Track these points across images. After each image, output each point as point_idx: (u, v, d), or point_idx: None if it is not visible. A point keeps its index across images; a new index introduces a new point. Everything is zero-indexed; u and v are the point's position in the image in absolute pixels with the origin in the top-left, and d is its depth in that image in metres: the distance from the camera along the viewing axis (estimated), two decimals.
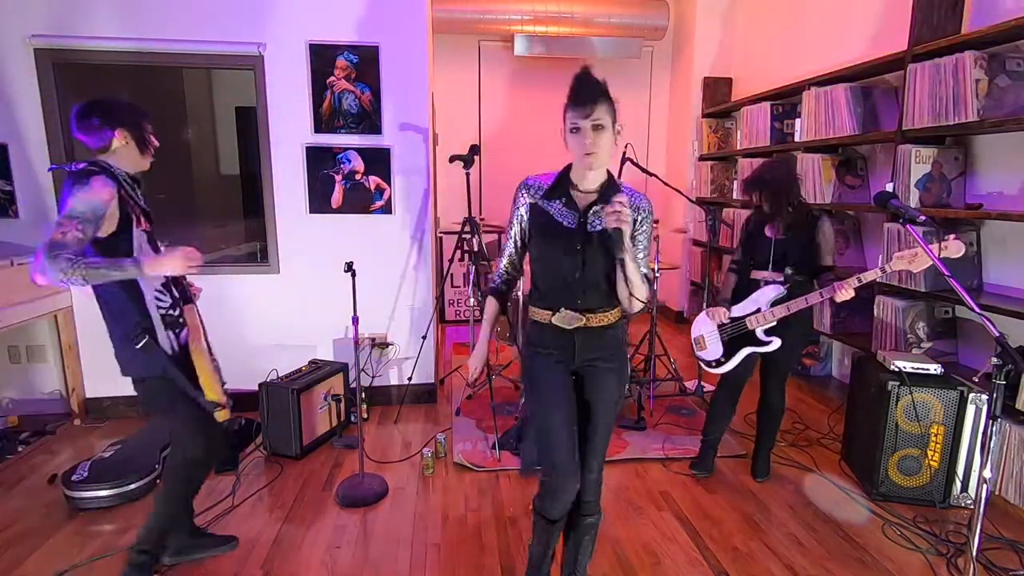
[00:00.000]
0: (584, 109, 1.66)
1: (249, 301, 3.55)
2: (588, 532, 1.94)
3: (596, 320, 1.78)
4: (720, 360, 2.76)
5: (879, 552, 2.33)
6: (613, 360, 1.82)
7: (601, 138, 1.67)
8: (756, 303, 2.63)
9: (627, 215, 1.58)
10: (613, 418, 1.85)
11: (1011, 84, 2.73)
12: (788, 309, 2.53)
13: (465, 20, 5.39)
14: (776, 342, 2.60)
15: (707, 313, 2.81)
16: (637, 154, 3.91)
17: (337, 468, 2.98)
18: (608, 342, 1.81)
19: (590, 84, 1.69)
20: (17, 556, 2.26)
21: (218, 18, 3.24)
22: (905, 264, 2.25)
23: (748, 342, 2.67)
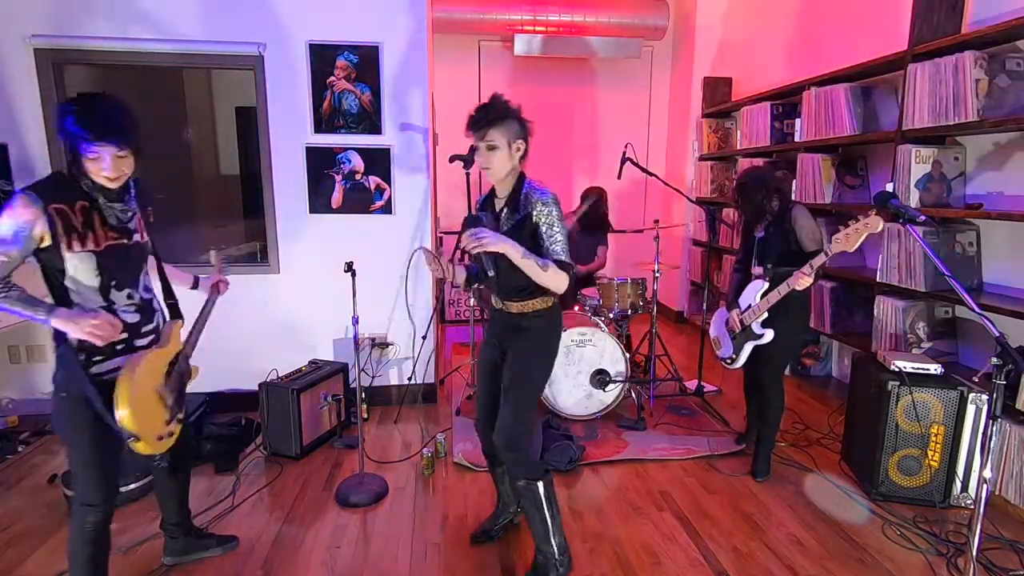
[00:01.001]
0: (477, 132, 1.96)
1: (249, 301, 3.55)
2: (523, 495, 2.09)
3: (515, 308, 2.08)
4: (732, 357, 2.90)
5: (879, 552, 2.33)
6: (524, 338, 2.09)
7: (494, 157, 1.96)
8: (748, 300, 2.79)
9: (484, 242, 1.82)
10: (517, 386, 2.07)
11: (1011, 84, 2.73)
12: (769, 301, 2.66)
13: (465, 20, 5.39)
14: (769, 334, 2.72)
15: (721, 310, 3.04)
16: (637, 154, 3.91)
17: (337, 468, 2.98)
18: (523, 326, 2.08)
19: (486, 109, 1.96)
20: (17, 556, 2.26)
21: (218, 18, 3.24)
22: (841, 245, 2.34)
23: (748, 337, 2.80)
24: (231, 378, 3.58)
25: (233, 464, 2.95)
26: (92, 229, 1.69)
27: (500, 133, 1.95)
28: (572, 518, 2.55)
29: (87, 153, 1.62)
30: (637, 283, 3.82)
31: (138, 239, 1.82)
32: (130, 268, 1.80)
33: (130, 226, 1.79)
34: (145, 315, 1.83)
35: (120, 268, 1.76)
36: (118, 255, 1.75)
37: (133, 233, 1.80)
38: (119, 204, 1.75)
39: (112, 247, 1.73)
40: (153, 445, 1.78)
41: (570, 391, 3.50)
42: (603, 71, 6.13)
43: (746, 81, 5.31)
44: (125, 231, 1.77)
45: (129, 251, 1.79)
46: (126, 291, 1.78)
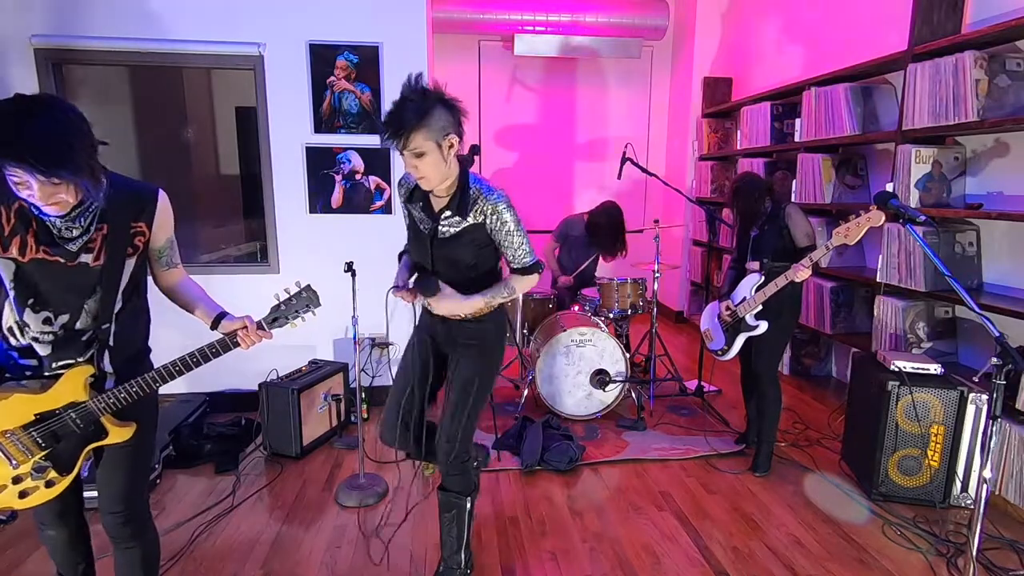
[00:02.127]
0: (399, 140, 1.63)
1: (249, 301, 3.53)
2: (448, 508, 2.00)
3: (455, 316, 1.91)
4: (724, 348, 2.98)
5: (879, 552, 2.33)
6: (470, 346, 1.94)
7: (424, 163, 1.66)
8: (741, 292, 2.87)
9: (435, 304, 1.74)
10: (467, 397, 1.94)
11: (1011, 84, 2.73)
12: (765, 294, 2.72)
13: (465, 20, 5.39)
14: (763, 325, 2.78)
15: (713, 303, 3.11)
16: (637, 154, 3.91)
17: (337, 468, 2.98)
18: (466, 330, 1.93)
19: (402, 113, 1.62)
20: (17, 556, 2.26)
21: (218, 18, 3.24)
22: (842, 239, 2.37)
23: (742, 328, 2.87)
24: (231, 378, 3.58)
25: (233, 464, 2.95)
26: (22, 236, 1.39)
27: (424, 135, 1.62)
28: (572, 518, 2.55)
29: (9, 176, 1.27)
30: (637, 283, 3.82)
31: (86, 262, 1.45)
32: (63, 291, 1.45)
33: (71, 248, 1.43)
34: (64, 351, 1.48)
35: (45, 288, 1.44)
36: (46, 273, 1.43)
37: (79, 255, 1.44)
38: (60, 220, 1.40)
39: (40, 262, 1.41)
40: None
41: (570, 391, 3.50)
42: (603, 71, 6.12)
43: (746, 81, 5.31)
44: (65, 251, 1.43)
45: (65, 273, 1.44)
46: (44, 315, 1.45)
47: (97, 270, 1.47)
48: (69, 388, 1.47)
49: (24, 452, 1.47)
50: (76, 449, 1.51)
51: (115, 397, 1.49)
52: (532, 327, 3.95)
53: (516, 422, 3.32)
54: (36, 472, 1.49)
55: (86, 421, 1.48)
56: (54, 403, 1.47)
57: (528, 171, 6.16)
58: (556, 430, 3.20)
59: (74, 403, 1.47)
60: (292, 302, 1.69)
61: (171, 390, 3.53)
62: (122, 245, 1.49)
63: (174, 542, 2.34)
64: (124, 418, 1.54)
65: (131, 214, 1.51)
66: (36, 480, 1.49)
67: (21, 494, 1.49)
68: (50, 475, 1.50)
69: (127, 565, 1.65)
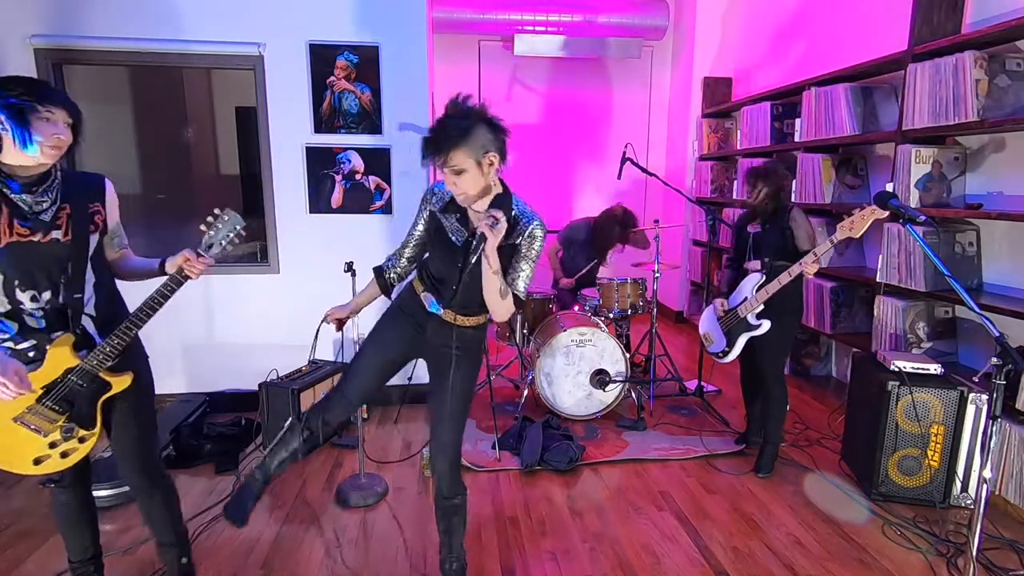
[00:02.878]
0: (440, 157, 1.68)
1: (249, 301, 3.55)
2: (456, 513, 2.01)
3: (455, 319, 1.90)
4: (725, 350, 2.95)
5: (879, 552, 2.33)
6: (463, 353, 1.91)
7: (463, 180, 1.70)
8: (742, 292, 2.85)
9: (500, 228, 1.66)
10: (462, 405, 1.93)
11: (1011, 84, 2.73)
12: (768, 292, 2.71)
13: (465, 20, 5.39)
14: (766, 324, 2.77)
15: (712, 305, 3.08)
16: (637, 154, 3.91)
17: (337, 468, 2.98)
18: (461, 337, 1.90)
19: (444, 131, 1.67)
20: (17, 556, 2.26)
21: (218, 18, 3.24)
22: (847, 232, 2.38)
23: (743, 329, 2.85)
24: (231, 378, 3.58)
25: (233, 464, 2.95)
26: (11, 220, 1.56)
27: (466, 153, 1.66)
28: (572, 518, 2.55)
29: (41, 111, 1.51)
30: (637, 283, 3.82)
31: (57, 237, 1.62)
32: (41, 268, 1.60)
33: (44, 218, 1.60)
34: (56, 322, 1.65)
35: (25, 268, 1.59)
36: (23, 254, 1.58)
37: (50, 230, 1.61)
38: (29, 196, 1.57)
39: (17, 244, 1.56)
40: (29, 468, 1.68)
41: (570, 391, 3.50)
42: (603, 71, 6.12)
43: (746, 81, 5.31)
44: (39, 222, 1.59)
45: (40, 250, 1.59)
46: (30, 293, 1.61)
47: (67, 244, 1.64)
48: (59, 357, 1.65)
49: (48, 421, 1.68)
50: (90, 406, 1.71)
51: (102, 352, 1.66)
52: (532, 327, 3.95)
53: (516, 422, 3.32)
54: (66, 434, 1.70)
55: (86, 380, 1.67)
56: (53, 373, 1.65)
57: (528, 171, 6.15)
58: (556, 430, 3.20)
59: (70, 368, 1.66)
60: (218, 227, 1.78)
61: (171, 390, 3.53)
62: (84, 222, 1.67)
63: None
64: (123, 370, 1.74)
65: (87, 197, 1.70)
66: (69, 441, 1.71)
67: (63, 455, 1.71)
68: (80, 433, 1.72)
69: (152, 508, 1.91)
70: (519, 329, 3.88)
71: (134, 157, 4.20)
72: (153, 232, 3.87)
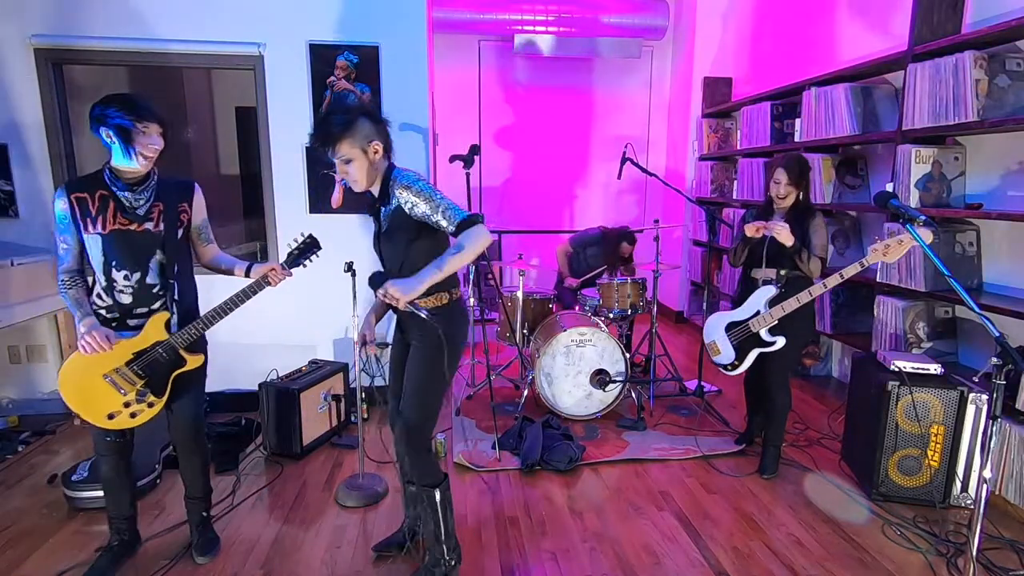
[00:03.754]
0: (327, 148, 1.85)
1: (249, 301, 3.54)
2: (417, 501, 2.08)
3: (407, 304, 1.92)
4: (735, 363, 2.85)
5: (879, 552, 2.33)
6: (420, 338, 1.98)
7: (352, 168, 1.88)
8: (755, 306, 2.74)
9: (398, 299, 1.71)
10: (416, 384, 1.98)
11: (1011, 84, 2.73)
12: (784, 309, 2.63)
13: (465, 20, 5.39)
14: (780, 341, 2.68)
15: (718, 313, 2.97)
16: (637, 154, 3.91)
17: (337, 468, 2.98)
18: (417, 322, 1.95)
19: (327, 124, 1.84)
20: (17, 556, 2.27)
21: (218, 18, 3.24)
22: (880, 256, 2.30)
23: (756, 343, 2.75)
24: (231, 378, 3.58)
25: (233, 464, 2.95)
26: (104, 215, 1.94)
27: (350, 143, 1.84)
28: (572, 518, 2.55)
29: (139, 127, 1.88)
30: (637, 283, 3.82)
31: (149, 228, 1.99)
32: (135, 252, 1.97)
33: (140, 213, 1.97)
34: (141, 299, 2.01)
35: (122, 251, 1.96)
36: (122, 240, 1.95)
37: (144, 221, 1.98)
38: (130, 193, 1.96)
39: (117, 232, 1.95)
40: (101, 421, 2.00)
41: (570, 391, 3.50)
42: (603, 71, 6.12)
43: (746, 81, 5.31)
44: (135, 215, 1.97)
45: (135, 238, 1.97)
46: (123, 272, 1.97)
47: (159, 235, 2.00)
48: (154, 330, 2.02)
49: (129, 382, 2.01)
50: (165, 376, 2.05)
51: (188, 332, 2.03)
52: (532, 327, 3.95)
53: (516, 422, 3.32)
54: (140, 397, 2.02)
55: (170, 353, 2.03)
56: (145, 343, 2.01)
57: (528, 171, 6.16)
58: (556, 430, 3.20)
59: (159, 341, 2.02)
60: (302, 247, 2.24)
61: None
62: (174, 218, 2.04)
63: (174, 542, 2.34)
64: (196, 351, 2.11)
65: (177, 198, 2.06)
66: (140, 404, 2.03)
67: (132, 415, 2.02)
68: (150, 398, 2.04)
69: (191, 466, 2.24)
70: (519, 329, 3.88)
71: None
72: None
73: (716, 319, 2.98)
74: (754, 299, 2.75)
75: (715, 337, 2.96)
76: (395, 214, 1.89)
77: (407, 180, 1.87)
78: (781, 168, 2.70)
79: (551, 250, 5.21)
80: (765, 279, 2.76)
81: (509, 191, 6.16)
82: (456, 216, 1.81)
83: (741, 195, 4.93)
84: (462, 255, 1.78)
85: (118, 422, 2.01)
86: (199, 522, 2.29)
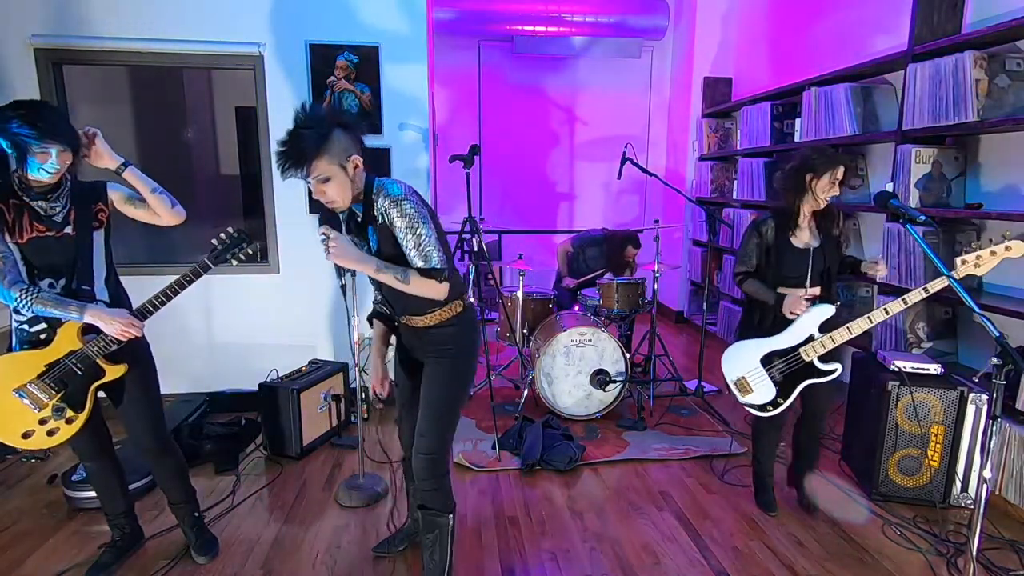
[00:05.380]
0: (301, 172, 1.63)
1: (249, 301, 3.55)
2: (428, 529, 1.89)
3: (415, 321, 1.87)
4: (777, 401, 2.37)
5: (879, 552, 2.33)
6: (441, 353, 1.88)
7: (331, 188, 1.67)
8: (806, 330, 2.29)
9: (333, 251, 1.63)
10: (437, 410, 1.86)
11: (1011, 84, 2.73)
12: (851, 331, 2.18)
13: (465, 20, 5.39)
14: (838, 367, 2.30)
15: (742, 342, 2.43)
16: (637, 154, 3.91)
17: (337, 468, 2.98)
18: (434, 336, 1.87)
19: (300, 143, 1.60)
20: (17, 556, 2.27)
21: (218, 18, 3.24)
22: (971, 268, 2.02)
23: (807, 374, 2.32)
24: (231, 378, 3.58)
25: (233, 464, 2.95)
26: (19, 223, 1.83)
27: (327, 160, 1.62)
28: (572, 518, 2.55)
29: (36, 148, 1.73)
30: (637, 283, 3.82)
31: (68, 232, 1.88)
32: (56, 259, 1.87)
33: (56, 219, 1.87)
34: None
35: (42, 259, 1.86)
36: (41, 247, 1.85)
37: (63, 227, 1.88)
38: (44, 202, 1.85)
39: (35, 240, 1.84)
40: (15, 441, 1.88)
41: (570, 391, 3.50)
42: (603, 71, 6.12)
43: (746, 81, 5.31)
44: (52, 222, 1.86)
45: (54, 244, 1.86)
46: (47, 280, 1.87)
47: (75, 239, 1.89)
48: (66, 339, 1.88)
49: (43, 398, 1.87)
50: (83, 389, 1.91)
51: (103, 340, 1.88)
52: (532, 327, 3.95)
53: (516, 422, 3.32)
54: (56, 413, 1.89)
55: (84, 364, 1.89)
56: (57, 353, 1.88)
57: (528, 171, 6.16)
58: (556, 430, 3.20)
59: (72, 351, 1.88)
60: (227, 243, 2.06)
61: (171, 390, 3.53)
62: (89, 220, 1.92)
63: (174, 542, 2.34)
64: (118, 361, 1.94)
65: (93, 198, 1.95)
66: (58, 420, 1.90)
67: (49, 433, 1.90)
68: (68, 414, 1.91)
69: (164, 472, 2.18)
70: (519, 329, 3.88)
71: (134, 157, 4.20)
72: (153, 232, 3.87)
73: (743, 351, 2.43)
74: (804, 322, 2.28)
75: (744, 372, 2.40)
76: (383, 231, 1.71)
77: (395, 193, 1.68)
78: (843, 167, 2.27)
79: (551, 250, 5.21)
80: (806, 298, 2.31)
81: (509, 191, 6.16)
82: (430, 262, 1.70)
83: (741, 195, 4.93)
84: (404, 280, 1.70)
85: (33, 442, 1.88)
86: (192, 523, 2.27)
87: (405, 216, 1.67)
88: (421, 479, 1.87)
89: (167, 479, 2.20)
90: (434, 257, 1.71)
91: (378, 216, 1.70)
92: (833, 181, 2.25)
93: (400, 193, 1.69)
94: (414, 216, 1.68)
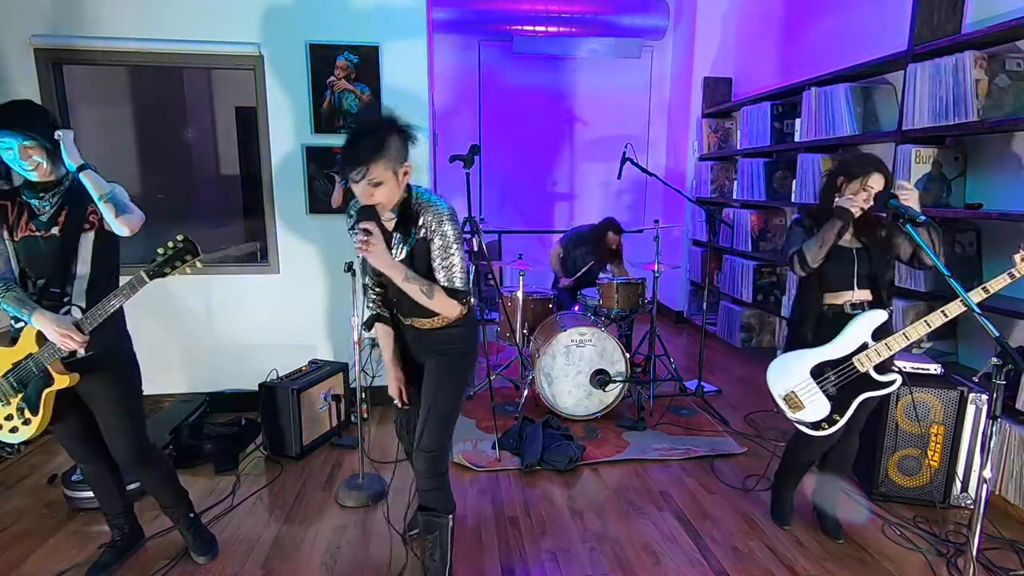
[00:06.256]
0: (357, 171, 1.64)
1: (249, 301, 3.55)
2: (429, 529, 1.91)
3: (422, 324, 1.90)
4: (833, 418, 2.15)
5: (879, 552, 2.33)
6: (441, 353, 1.91)
7: (380, 192, 1.68)
8: (858, 338, 2.12)
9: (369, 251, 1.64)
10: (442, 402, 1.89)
11: (1011, 84, 2.73)
12: (907, 338, 2.01)
13: (465, 20, 5.39)
14: (897, 379, 2.12)
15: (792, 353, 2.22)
16: (637, 154, 3.91)
17: (337, 468, 2.98)
18: (437, 341, 1.91)
19: (362, 145, 1.63)
20: (17, 556, 2.27)
21: (218, 18, 3.24)
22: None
23: (864, 387, 2.13)
24: (231, 378, 3.58)
25: (233, 464, 2.95)
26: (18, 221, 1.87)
27: (385, 165, 1.65)
28: (572, 518, 2.55)
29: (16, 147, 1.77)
30: (637, 283, 3.82)
31: (55, 233, 1.86)
32: (41, 260, 1.87)
33: (43, 219, 1.87)
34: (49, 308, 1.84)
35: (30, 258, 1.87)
36: (30, 246, 1.87)
37: (50, 227, 1.87)
38: (37, 200, 1.87)
39: (26, 238, 1.86)
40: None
41: (570, 391, 3.50)
42: (603, 71, 6.12)
43: (746, 81, 5.31)
44: (40, 222, 1.87)
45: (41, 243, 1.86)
46: (31, 280, 1.89)
47: (60, 240, 1.87)
48: (27, 340, 1.87)
49: (8, 395, 1.90)
50: (36, 393, 1.89)
51: (54, 347, 1.84)
52: (532, 327, 3.95)
53: (516, 422, 3.32)
54: (19, 412, 1.90)
55: (39, 368, 1.87)
56: (19, 354, 1.88)
57: (528, 171, 6.16)
58: (556, 430, 3.20)
59: (30, 353, 1.87)
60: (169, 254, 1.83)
61: (171, 390, 3.53)
62: (79, 221, 1.89)
63: (174, 542, 2.33)
64: (86, 372, 1.92)
65: (87, 199, 1.88)
66: (19, 419, 1.91)
67: (12, 430, 1.92)
68: (26, 415, 1.90)
69: (149, 479, 2.16)
70: (519, 329, 3.88)
71: (134, 157, 4.20)
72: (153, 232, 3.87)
73: (790, 363, 2.22)
74: (854, 330, 2.12)
75: (793, 386, 2.19)
76: (421, 244, 1.76)
77: (444, 212, 1.74)
78: (879, 173, 2.11)
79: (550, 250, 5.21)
80: (854, 303, 2.18)
81: (509, 191, 6.16)
82: (455, 282, 1.77)
83: (741, 195, 4.93)
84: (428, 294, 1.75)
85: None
86: (187, 524, 2.25)
87: (445, 236, 1.75)
88: (423, 477, 1.89)
89: (153, 487, 2.19)
90: (460, 279, 1.78)
91: (421, 229, 1.76)
92: (866, 188, 2.10)
93: (448, 211, 1.76)
94: (452, 239, 1.75)
